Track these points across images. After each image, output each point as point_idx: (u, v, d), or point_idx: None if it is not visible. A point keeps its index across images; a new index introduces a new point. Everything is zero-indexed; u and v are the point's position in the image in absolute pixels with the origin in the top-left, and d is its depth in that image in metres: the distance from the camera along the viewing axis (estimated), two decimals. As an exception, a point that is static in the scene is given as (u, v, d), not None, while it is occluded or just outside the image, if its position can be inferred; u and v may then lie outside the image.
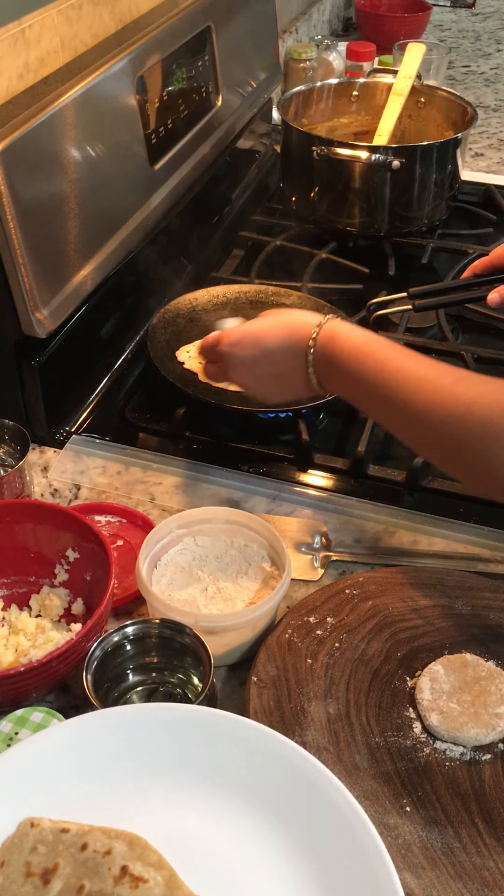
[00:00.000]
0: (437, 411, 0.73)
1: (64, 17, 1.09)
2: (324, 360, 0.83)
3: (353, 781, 0.69)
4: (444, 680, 0.75)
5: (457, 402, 0.72)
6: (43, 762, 0.64)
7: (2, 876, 0.59)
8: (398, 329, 1.19)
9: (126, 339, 1.18)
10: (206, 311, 1.20)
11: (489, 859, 0.65)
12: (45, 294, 0.94)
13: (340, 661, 0.78)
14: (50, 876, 0.59)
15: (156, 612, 0.78)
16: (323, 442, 1.04)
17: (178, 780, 0.65)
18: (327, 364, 0.83)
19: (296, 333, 0.85)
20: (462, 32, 2.35)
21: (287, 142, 1.41)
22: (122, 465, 1.01)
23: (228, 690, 0.79)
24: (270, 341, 0.86)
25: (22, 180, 0.89)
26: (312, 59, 1.83)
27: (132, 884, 0.58)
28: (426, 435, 0.76)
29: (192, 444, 1.04)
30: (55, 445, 1.04)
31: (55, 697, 0.78)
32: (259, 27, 1.51)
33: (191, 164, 1.26)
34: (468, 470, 0.75)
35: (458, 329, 1.23)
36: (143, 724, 0.67)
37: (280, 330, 0.87)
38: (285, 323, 0.87)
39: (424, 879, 0.63)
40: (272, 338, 0.86)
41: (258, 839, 0.62)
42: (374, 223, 1.37)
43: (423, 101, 1.49)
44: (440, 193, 1.38)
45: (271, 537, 0.83)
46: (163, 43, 1.16)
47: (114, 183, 1.07)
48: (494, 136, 1.80)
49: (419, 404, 0.74)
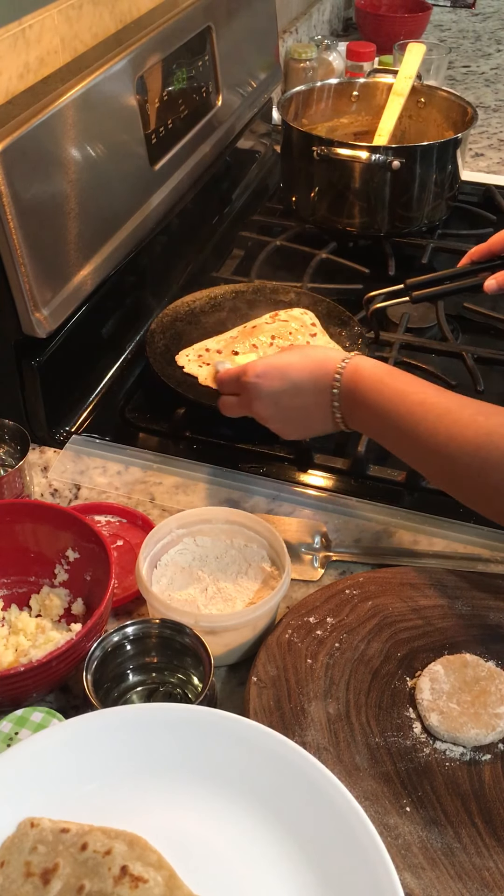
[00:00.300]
0: (457, 442, 0.75)
1: (64, 17, 1.09)
2: (348, 395, 0.84)
3: (353, 781, 0.69)
4: (444, 680, 0.75)
5: (477, 433, 0.74)
6: (43, 762, 0.64)
7: (2, 876, 0.59)
8: (398, 329, 1.19)
9: (126, 339, 1.18)
10: (204, 312, 1.20)
11: (489, 859, 0.65)
12: (46, 294, 0.94)
13: (340, 662, 0.78)
14: (50, 876, 0.59)
15: (156, 613, 0.78)
16: (323, 442, 1.03)
17: (178, 780, 0.65)
18: (351, 398, 0.84)
19: (322, 367, 0.86)
20: (462, 32, 2.35)
21: (287, 142, 1.41)
22: (122, 465, 1.01)
23: (228, 690, 0.79)
24: (297, 374, 0.87)
25: (22, 180, 0.89)
26: (312, 59, 1.83)
27: (132, 884, 0.58)
28: (447, 466, 0.77)
29: (192, 444, 1.04)
30: (55, 445, 1.04)
31: (55, 697, 0.78)
32: (259, 27, 1.51)
33: (191, 164, 1.26)
34: (489, 501, 0.76)
35: (458, 329, 1.23)
36: (143, 724, 0.67)
37: (306, 363, 0.87)
38: (311, 357, 0.88)
39: (424, 879, 0.63)
40: (299, 371, 0.87)
41: (258, 839, 0.62)
42: (374, 223, 1.37)
43: (423, 102, 1.49)
44: (440, 194, 1.38)
45: (271, 537, 0.83)
46: (163, 43, 1.16)
47: (114, 183, 1.07)
48: (494, 137, 1.80)
49: (440, 436, 0.76)
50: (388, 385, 0.82)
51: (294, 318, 1.16)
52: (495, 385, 1.11)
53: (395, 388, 0.81)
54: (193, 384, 1.07)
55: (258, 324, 1.15)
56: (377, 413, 0.82)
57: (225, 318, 1.19)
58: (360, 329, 1.14)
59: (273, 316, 1.16)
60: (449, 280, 1.08)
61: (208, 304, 1.20)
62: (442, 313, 1.22)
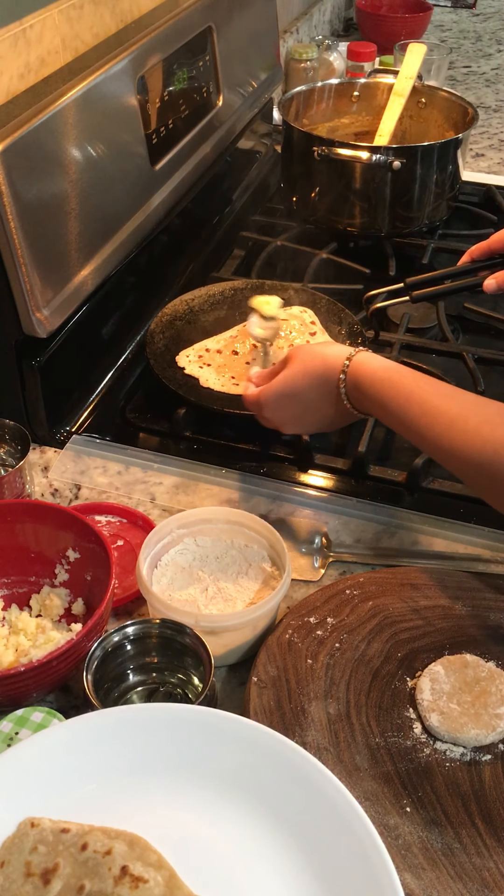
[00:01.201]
0: (463, 453, 0.76)
1: (65, 17, 1.09)
2: (354, 390, 0.85)
3: (354, 782, 0.69)
4: (445, 680, 0.75)
5: (483, 445, 0.74)
6: (43, 762, 0.64)
7: (2, 876, 0.59)
8: (399, 329, 1.19)
9: (127, 338, 1.18)
10: (202, 311, 1.19)
11: (489, 860, 0.65)
12: (46, 294, 0.94)
13: (341, 662, 0.78)
14: (50, 876, 0.59)
15: (156, 613, 0.78)
16: (323, 442, 1.04)
17: (177, 780, 0.65)
18: (357, 392, 0.85)
19: (327, 372, 0.87)
20: (463, 33, 2.35)
21: (288, 142, 1.41)
22: (122, 465, 1.01)
23: (228, 691, 0.79)
24: (306, 393, 0.89)
25: (23, 180, 0.89)
26: (313, 59, 1.83)
27: (132, 884, 0.58)
28: (457, 469, 0.78)
29: (193, 444, 1.04)
30: (56, 445, 1.04)
31: (55, 697, 0.78)
32: (260, 27, 1.51)
33: (191, 164, 1.26)
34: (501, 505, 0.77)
35: (458, 329, 1.23)
36: (143, 724, 0.67)
37: (311, 379, 0.88)
38: (314, 367, 0.88)
39: (425, 880, 0.63)
40: (307, 389, 0.89)
41: (258, 839, 0.62)
42: (374, 223, 1.37)
43: (423, 102, 1.49)
44: (441, 194, 1.38)
45: (272, 537, 0.83)
46: (164, 43, 1.16)
47: (114, 183, 1.07)
48: (495, 137, 1.80)
49: (446, 446, 0.77)
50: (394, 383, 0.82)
51: (293, 317, 1.16)
52: (496, 385, 1.11)
53: (398, 387, 0.82)
54: (195, 386, 1.07)
55: (258, 323, 1.15)
56: (384, 412, 0.83)
57: (224, 317, 1.19)
58: (359, 328, 1.14)
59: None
60: (448, 279, 1.08)
61: (206, 302, 1.20)
62: (442, 313, 1.22)
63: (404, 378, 0.83)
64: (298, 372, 0.89)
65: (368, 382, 0.84)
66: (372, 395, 0.83)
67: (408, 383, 0.82)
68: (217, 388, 1.07)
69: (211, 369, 1.09)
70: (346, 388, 0.86)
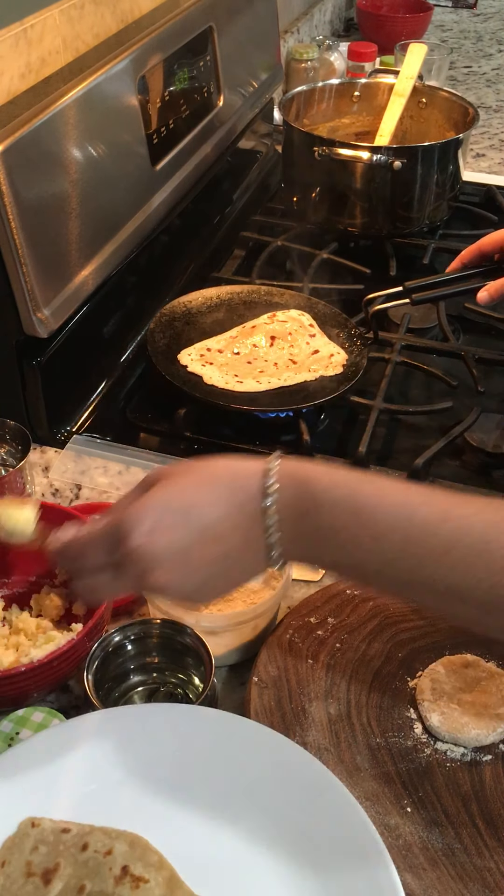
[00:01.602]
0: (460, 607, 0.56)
1: (66, 17, 1.09)
2: (296, 517, 0.57)
3: (354, 782, 0.69)
4: (445, 681, 0.75)
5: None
6: (43, 762, 0.64)
7: (3, 876, 0.59)
8: (399, 329, 1.19)
9: (127, 339, 1.18)
10: (200, 313, 1.20)
11: (490, 860, 0.65)
12: (47, 294, 0.94)
13: (341, 662, 0.78)
14: (51, 876, 0.59)
15: (157, 612, 0.78)
16: (324, 442, 1.03)
17: (178, 780, 0.65)
18: (301, 520, 0.57)
19: (239, 489, 0.58)
20: (463, 33, 2.35)
21: (288, 142, 1.41)
22: (123, 465, 1.01)
23: (229, 690, 0.78)
24: (205, 511, 0.58)
25: (23, 180, 0.89)
26: (314, 59, 1.83)
27: (133, 884, 0.58)
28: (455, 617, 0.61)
29: (193, 444, 1.04)
30: (56, 445, 1.04)
31: (56, 697, 0.78)
32: (260, 27, 1.51)
33: (192, 164, 1.26)
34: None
35: (458, 329, 1.23)
36: (143, 724, 0.67)
37: (213, 491, 0.59)
38: (216, 478, 0.60)
39: (425, 880, 0.63)
40: (205, 505, 0.58)
41: (259, 839, 0.62)
42: (375, 224, 1.37)
43: (424, 102, 1.49)
44: (441, 194, 1.38)
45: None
46: (164, 43, 1.16)
47: (115, 183, 1.07)
48: (496, 137, 1.80)
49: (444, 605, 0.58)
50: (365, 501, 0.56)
51: (292, 319, 1.16)
52: (496, 386, 1.11)
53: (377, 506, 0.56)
54: (199, 383, 1.07)
55: (257, 324, 1.15)
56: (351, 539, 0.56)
57: (222, 319, 1.19)
58: (357, 330, 1.14)
59: (271, 316, 1.16)
60: (445, 284, 1.08)
61: (204, 304, 1.20)
62: (443, 314, 1.22)
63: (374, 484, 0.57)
64: (190, 479, 0.60)
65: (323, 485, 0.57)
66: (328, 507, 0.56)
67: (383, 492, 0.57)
68: (221, 385, 1.07)
69: (214, 367, 1.09)
70: (278, 500, 0.57)
